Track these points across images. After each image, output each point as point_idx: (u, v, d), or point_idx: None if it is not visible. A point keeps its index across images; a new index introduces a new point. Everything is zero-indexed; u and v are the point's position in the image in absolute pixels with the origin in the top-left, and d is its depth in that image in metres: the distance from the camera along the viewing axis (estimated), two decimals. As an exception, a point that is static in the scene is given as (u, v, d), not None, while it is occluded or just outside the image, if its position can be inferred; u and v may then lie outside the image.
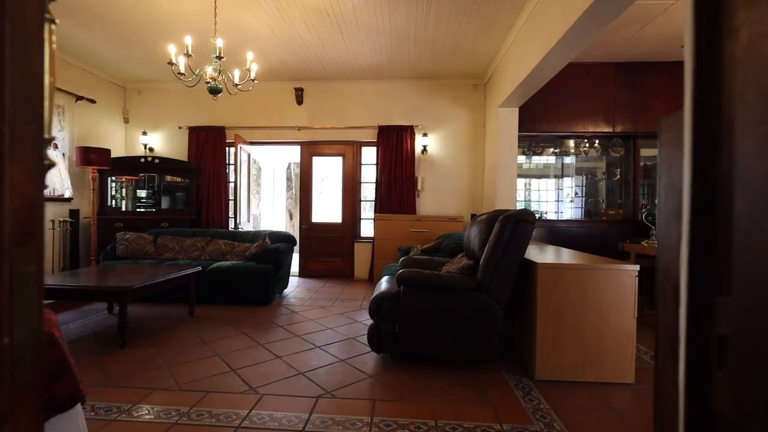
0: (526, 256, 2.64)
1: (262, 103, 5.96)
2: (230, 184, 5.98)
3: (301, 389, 2.29)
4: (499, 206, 4.86)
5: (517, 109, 4.90)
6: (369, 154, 6.08)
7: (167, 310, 3.99)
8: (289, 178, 10.21)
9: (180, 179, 5.91)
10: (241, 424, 1.90)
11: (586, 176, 5.54)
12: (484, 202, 5.64)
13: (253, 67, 3.48)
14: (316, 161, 6.19)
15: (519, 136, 4.97)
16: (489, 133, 5.48)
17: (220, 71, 3.37)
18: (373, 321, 2.66)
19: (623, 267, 2.36)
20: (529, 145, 5.48)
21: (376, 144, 5.78)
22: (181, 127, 6.04)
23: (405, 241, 5.21)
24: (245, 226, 5.90)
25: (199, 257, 4.73)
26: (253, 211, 8.91)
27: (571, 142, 5.37)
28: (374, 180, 5.89)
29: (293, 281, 5.63)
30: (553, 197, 5.78)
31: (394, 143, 5.70)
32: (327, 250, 6.08)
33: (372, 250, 5.74)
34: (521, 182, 5.62)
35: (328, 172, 6.45)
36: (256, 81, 3.59)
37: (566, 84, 4.90)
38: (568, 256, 2.88)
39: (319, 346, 3.02)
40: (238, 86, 3.59)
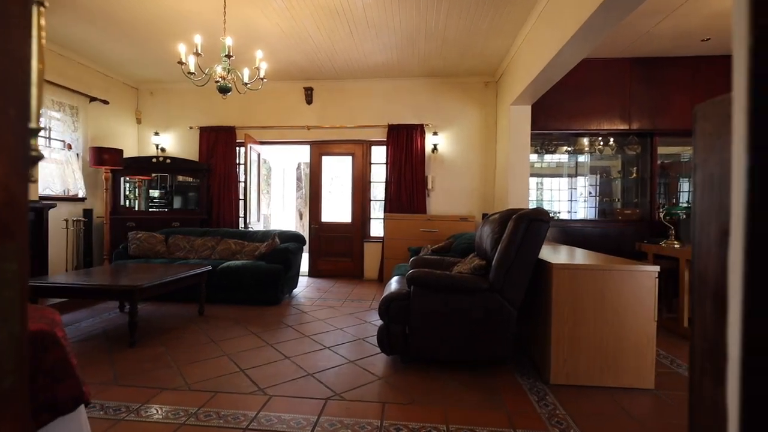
0: (539, 256, 2.57)
1: (272, 102, 5.96)
2: (240, 184, 5.99)
3: (310, 391, 2.26)
4: (512, 206, 4.77)
5: (530, 107, 4.81)
6: (379, 154, 6.04)
7: (177, 309, 4.00)
8: (299, 178, 10.23)
9: (192, 179, 5.95)
10: (249, 426, 1.87)
11: (600, 175, 5.41)
12: (495, 201, 5.55)
13: (263, 66, 3.46)
14: (326, 161, 6.17)
15: (531, 134, 4.87)
16: (501, 132, 5.39)
17: (230, 70, 3.36)
18: (382, 322, 2.62)
19: (642, 268, 2.28)
20: (542, 143, 5.37)
21: (386, 143, 5.74)
22: (192, 128, 6.08)
23: (415, 241, 5.16)
24: (255, 226, 5.91)
25: (210, 256, 4.74)
26: (264, 211, 8.94)
27: (585, 140, 5.25)
28: (384, 179, 5.85)
29: (303, 281, 5.62)
30: (566, 197, 5.67)
31: (404, 142, 5.65)
32: (336, 249, 6.05)
33: (382, 250, 5.69)
34: (533, 181, 5.51)
35: (338, 172, 6.43)
36: (266, 80, 3.57)
37: (580, 80, 4.78)
38: (583, 256, 2.80)
39: (329, 347, 2.98)
40: (248, 85, 3.58)
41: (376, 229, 6.07)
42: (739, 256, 0.41)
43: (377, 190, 6.28)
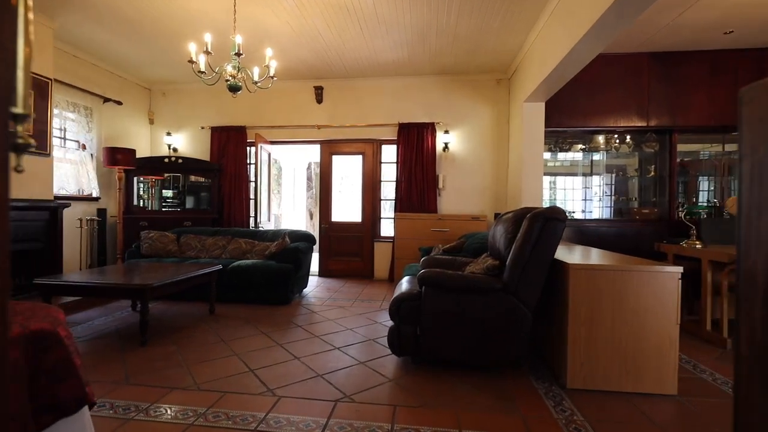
0: (555, 256, 2.49)
1: (282, 102, 5.96)
2: (251, 184, 6.01)
3: (320, 392, 2.22)
4: (525, 205, 4.67)
5: (544, 104, 4.71)
6: (389, 153, 5.99)
7: (188, 307, 4.01)
8: (309, 178, 10.24)
9: (203, 179, 5.99)
10: (258, 428, 1.84)
11: (616, 173, 5.27)
12: (508, 200, 5.45)
13: (272, 64, 3.45)
14: (336, 160, 6.14)
15: (545, 131, 4.77)
16: (513, 129, 5.30)
17: (240, 69, 3.35)
18: (393, 322, 2.57)
19: (665, 269, 2.18)
20: (556, 141, 5.26)
21: (397, 142, 5.68)
22: (203, 128, 6.11)
23: (426, 241, 5.10)
24: (266, 226, 5.91)
25: (220, 256, 4.75)
26: (275, 211, 8.97)
27: (600, 138, 5.12)
28: (394, 179, 5.80)
29: (313, 281, 5.60)
30: (580, 196, 5.54)
31: (415, 141, 5.59)
32: (347, 249, 6.02)
33: (392, 250, 5.64)
34: (546, 180, 5.40)
35: (348, 171, 6.40)
36: (276, 78, 3.55)
37: (596, 76, 4.66)
38: (601, 256, 2.70)
39: (338, 348, 2.95)
40: (258, 84, 3.57)
41: (387, 228, 6.03)
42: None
43: (388, 190, 6.23)
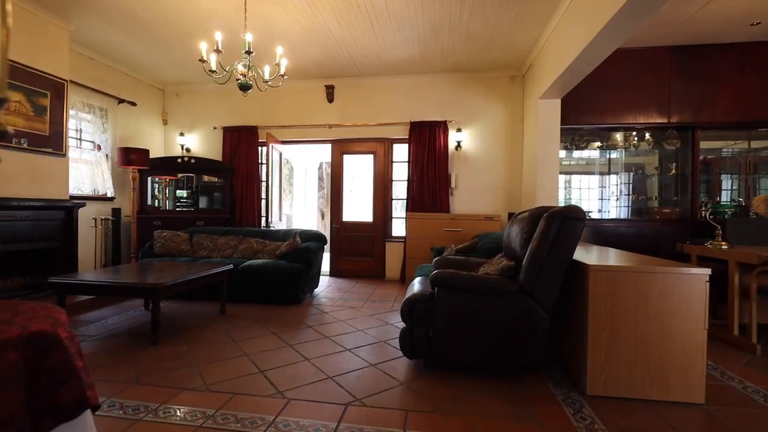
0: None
1: (294, 101, 5.95)
2: (262, 184, 6.01)
3: (330, 395, 2.17)
4: (540, 204, 4.56)
5: (560, 101, 4.59)
6: (401, 152, 5.93)
7: (200, 307, 4.01)
8: (320, 178, 10.25)
9: (216, 179, 6.02)
10: (266, 431, 1.80)
11: (635, 172, 5.11)
12: (522, 199, 5.34)
13: (283, 62, 3.42)
14: (347, 159, 6.11)
15: (561, 129, 4.64)
16: (528, 127, 5.18)
17: (250, 67, 3.33)
18: (405, 324, 2.51)
19: (692, 271, 2.07)
20: (572, 139, 5.13)
21: (408, 140, 5.62)
22: (215, 128, 6.15)
23: (438, 241, 5.02)
24: (278, 225, 5.91)
25: (232, 255, 4.76)
26: (286, 210, 8.99)
27: (618, 136, 4.96)
28: (406, 178, 5.73)
29: (324, 281, 5.57)
30: (597, 195, 5.39)
31: (427, 139, 5.51)
32: (358, 249, 5.98)
33: (404, 250, 5.58)
34: (560, 179, 5.27)
35: (359, 171, 6.36)
36: (286, 77, 3.53)
37: (614, 71, 4.52)
38: (621, 257, 2.60)
39: (349, 349, 2.90)
40: (268, 82, 3.55)
41: (398, 228, 5.97)
42: None
43: (399, 189, 6.17)
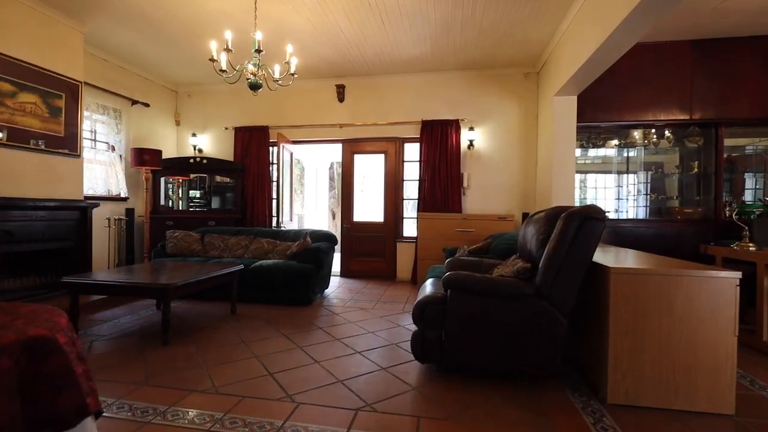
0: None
1: (304, 101, 5.94)
2: (273, 184, 6.01)
3: (340, 399, 2.12)
4: (555, 203, 4.44)
5: (576, 98, 4.46)
6: (412, 151, 5.86)
7: (211, 307, 4.01)
8: (331, 178, 10.24)
9: (228, 180, 6.05)
10: (275, 437, 1.76)
11: (654, 170, 4.93)
12: (537, 199, 5.22)
13: (293, 61, 3.39)
14: (358, 159, 6.07)
15: (577, 127, 4.51)
16: (543, 125, 5.06)
17: (260, 66, 3.31)
18: (417, 327, 2.44)
19: (721, 274, 1.96)
20: (589, 136, 4.98)
21: (420, 140, 5.55)
22: (227, 128, 6.17)
23: (450, 242, 4.93)
24: (289, 225, 5.90)
25: (243, 255, 4.75)
26: (298, 211, 9.00)
27: (636, 133, 4.80)
28: (417, 177, 5.66)
29: (334, 281, 5.53)
30: (613, 194, 5.23)
31: (438, 138, 5.43)
32: (369, 249, 5.93)
33: (415, 251, 5.51)
34: (575, 178, 5.12)
35: (370, 170, 6.31)
36: (296, 75, 3.49)
37: (633, 67, 4.37)
38: (642, 259, 2.49)
39: (360, 352, 2.84)
40: (279, 81, 3.52)
41: (410, 228, 5.90)
42: None
43: (410, 189, 6.10)
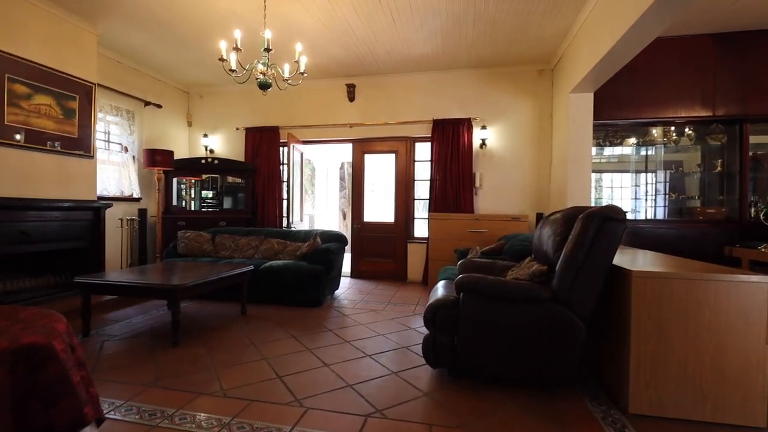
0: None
1: (315, 101, 5.91)
2: (284, 184, 6.00)
3: (349, 405, 2.07)
4: (571, 204, 4.32)
5: (592, 95, 4.33)
6: (423, 150, 5.79)
7: (221, 307, 4.01)
8: (342, 178, 10.22)
9: (240, 180, 6.06)
10: (283, 443, 1.71)
11: (674, 169, 4.76)
12: (551, 199, 5.09)
13: (303, 60, 3.35)
14: (368, 159, 6.02)
15: (593, 125, 4.39)
16: (558, 123, 4.94)
17: (269, 65, 3.28)
18: (428, 331, 2.38)
19: (752, 278, 1.85)
20: (605, 135, 4.84)
21: (431, 139, 5.47)
22: (238, 129, 6.18)
23: (462, 242, 4.84)
24: (299, 226, 5.88)
25: (253, 256, 4.74)
26: (308, 211, 9.00)
27: (655, 131, 4.64)
28: (428, 177, 5.58)
29: (345, 282, 5.49)
30: (630, 194, 5.07)
31: (450, 137, 5.35)
32: (379, 250, 5.88)
33: (426, 252, 5.44)
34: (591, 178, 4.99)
35: (381, 170, 6.26)
36: (306, 74, 3.46)
37: (652, 62, 4.23)
38: (664, 262, 2.38)
39: (370, 355, 2.79)
40: (288, 80, 3.49)
41: (421, 229, 5.82)
42: None
43: (421, 189, 6.02)
